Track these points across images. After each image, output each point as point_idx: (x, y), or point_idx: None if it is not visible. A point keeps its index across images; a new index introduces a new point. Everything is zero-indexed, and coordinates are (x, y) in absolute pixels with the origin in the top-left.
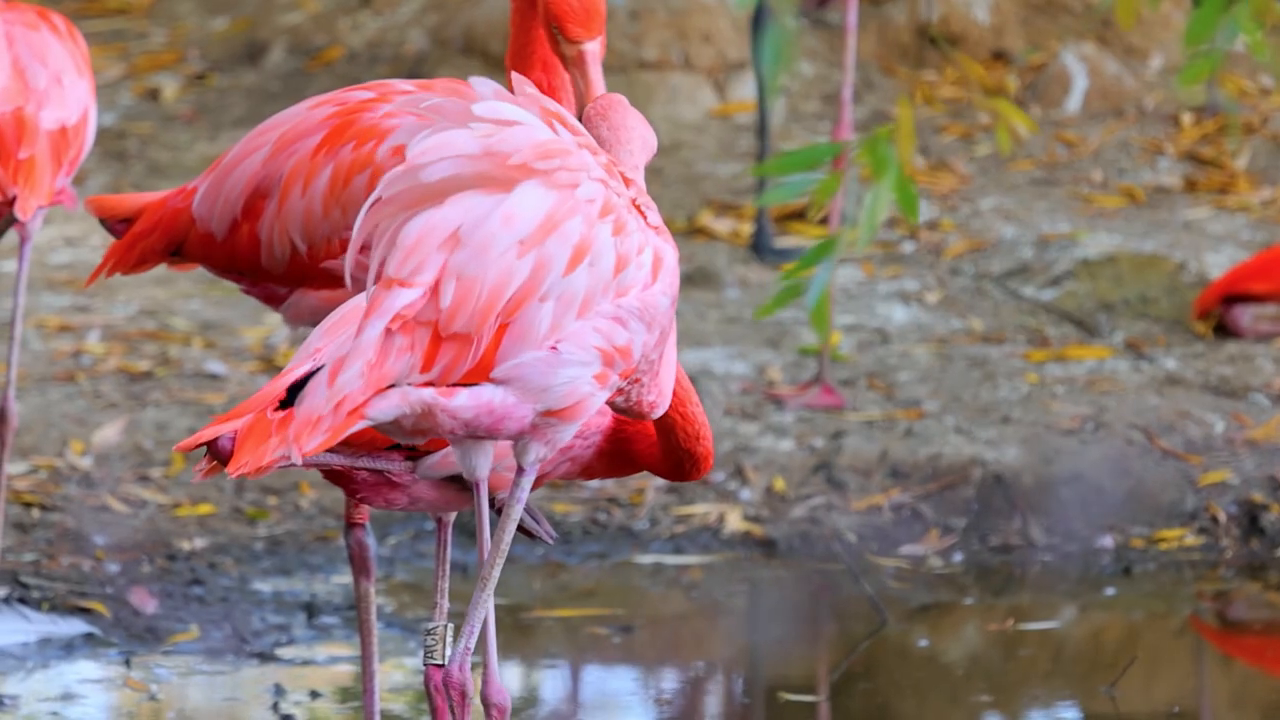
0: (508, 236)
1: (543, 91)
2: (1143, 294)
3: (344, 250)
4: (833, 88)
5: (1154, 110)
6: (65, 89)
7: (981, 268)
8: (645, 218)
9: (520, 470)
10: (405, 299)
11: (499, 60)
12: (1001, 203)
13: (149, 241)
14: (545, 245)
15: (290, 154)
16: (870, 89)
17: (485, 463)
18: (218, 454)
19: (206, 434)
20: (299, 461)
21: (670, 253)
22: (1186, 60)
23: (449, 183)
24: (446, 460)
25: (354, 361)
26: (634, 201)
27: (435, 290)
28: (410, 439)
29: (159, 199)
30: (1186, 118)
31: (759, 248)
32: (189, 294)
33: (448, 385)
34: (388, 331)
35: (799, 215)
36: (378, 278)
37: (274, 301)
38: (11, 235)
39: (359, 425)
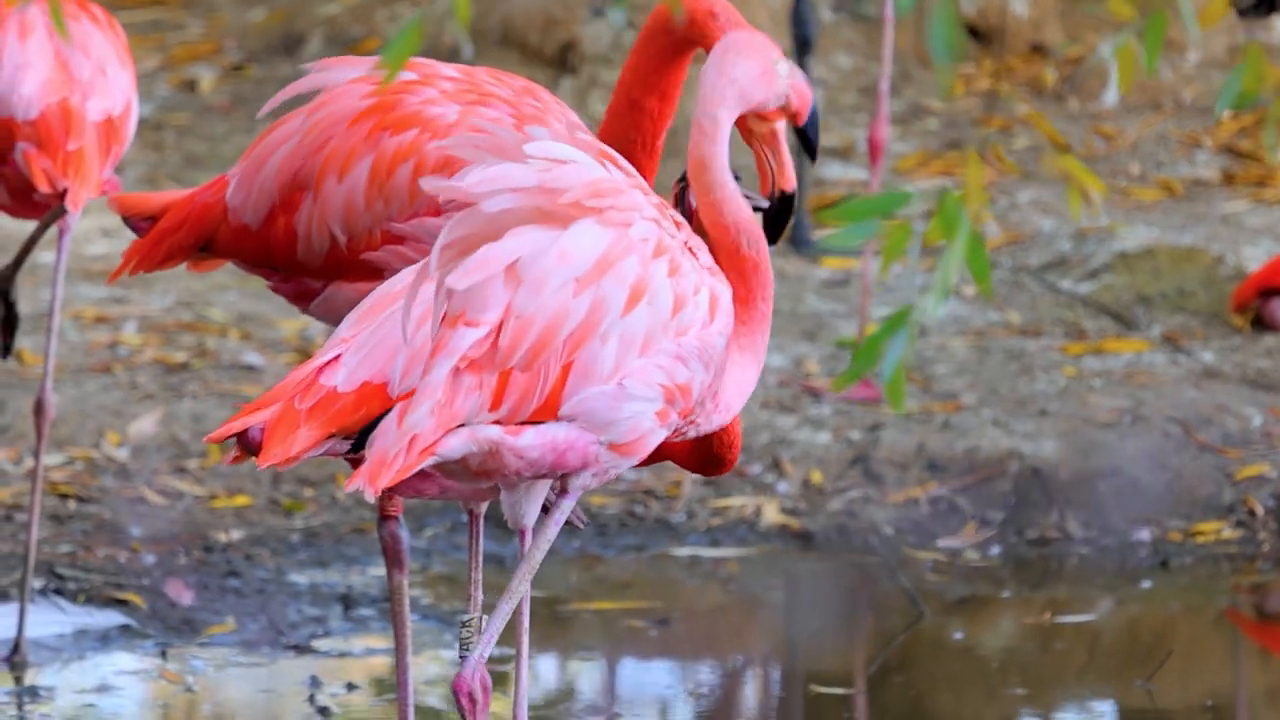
0: (563, 273)
1: (653, 119)
2: (1180, 287)
3: (385, 242)
4: (870, 80)
5: (1191, 103)
6: (109, 79)
7: (1019, 260)
8: (697, 258)
9: (564, 492)
10: (471, 338)
11: (536, 51)
12: (1039, 195)
13: (177, 237)
14: (602, 284)
15: (327, 139)
16: (908, 82)
17: (534, 511)
18: (247, 445)
19: (236, 425)
20: (371, 499)
21: (726, 292)
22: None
23: (507, 215)
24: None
25: (422, 401)
26: (685, 243)
27: (499, 328)
28: (475, 481)
29: (185, 196)
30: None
31: (795, 239)
32: (225, 285)
33: (515, 424)
34: (455, 371)
35: (835, 207)
36: (443, 317)
37: (304, 299)
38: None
39: (429, 463)
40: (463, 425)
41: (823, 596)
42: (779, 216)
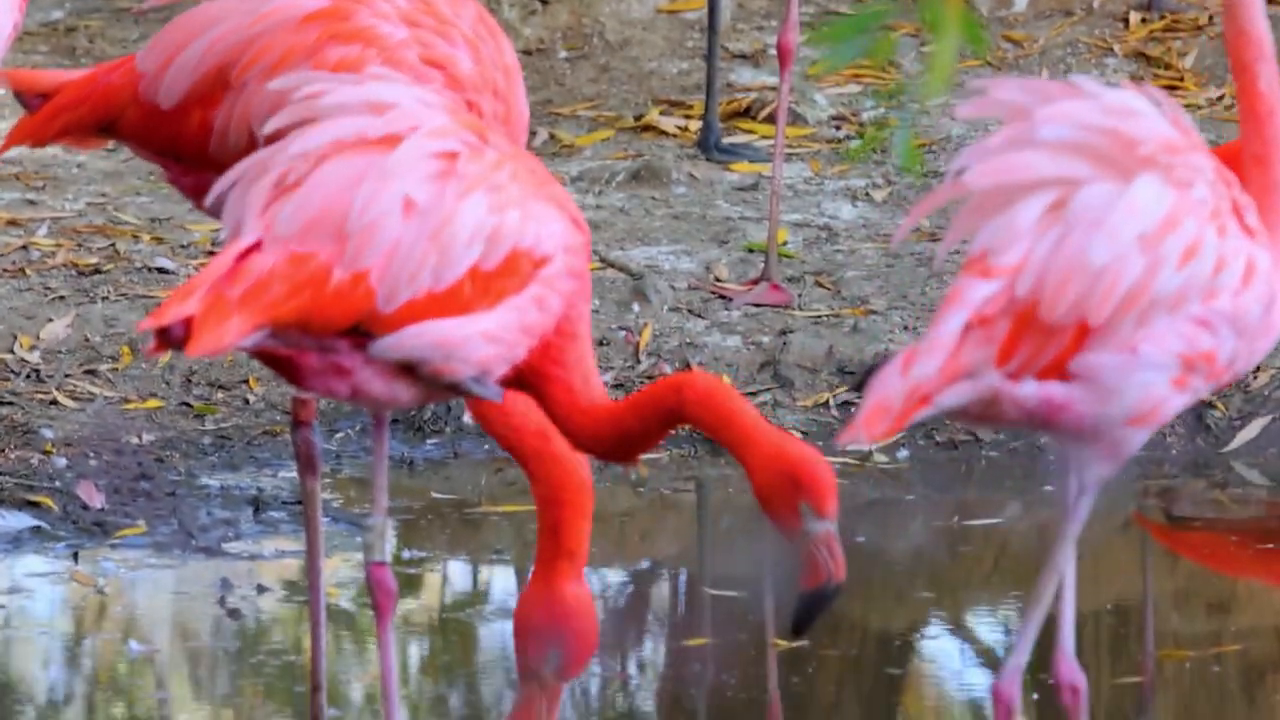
0: (1131, 229)
1: None
2: None
3: None
4: None
5: (1101, 9)
6: None
7: (930, 166)
8: (1242, 218)
9: (1080, 489)
10: (986, 291)
11: None
12: (949, 101)
13: (76, 114)
14: (1163, 244)
15: (266, 31)
16: None
17: (1091, 472)
18: (171, 341)
19: (168, 316)
20: (865, 447)
21: (1264, 257)
22: None
23: (1062, 146)
24: (400, 344)
25: (932, 355)
26: (1235, 201)
27: (1016, 274)
28: (971, 424)
29: (87, 74)
30: (1134, 17)
31: (706, 145)
32: (138, 189)
33: (1018, 379)
34: (967, 325)
35: (745, 113)
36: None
37: (203, 193)
38: None
39: (924, 413)
40: (966, 377)
41: (731, 501)
42: None
